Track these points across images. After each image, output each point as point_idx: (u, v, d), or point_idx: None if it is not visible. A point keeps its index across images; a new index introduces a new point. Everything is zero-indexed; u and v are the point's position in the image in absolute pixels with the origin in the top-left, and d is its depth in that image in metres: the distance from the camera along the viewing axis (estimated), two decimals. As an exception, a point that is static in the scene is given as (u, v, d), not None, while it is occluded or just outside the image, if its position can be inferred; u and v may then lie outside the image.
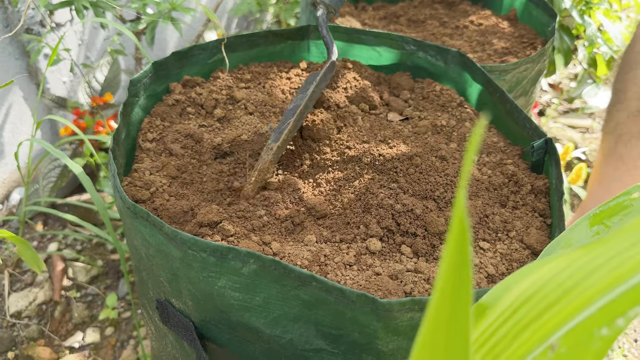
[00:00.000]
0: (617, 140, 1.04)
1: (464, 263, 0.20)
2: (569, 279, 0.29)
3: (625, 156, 1.05)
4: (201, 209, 0.55)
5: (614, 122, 1.04)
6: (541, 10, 1.01)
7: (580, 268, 0.29)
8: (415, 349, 0.21)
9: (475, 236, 0.54)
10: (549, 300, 0.29)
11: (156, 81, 0.71)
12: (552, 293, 0.30)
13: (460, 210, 0.19)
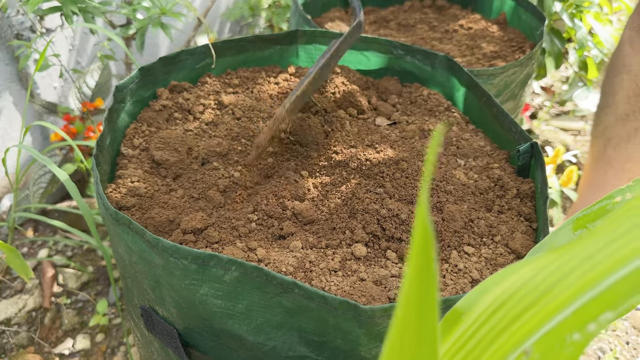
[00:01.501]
0: (606, 143, 1.05)
1: (429, 268, 0.20)
2: (542, 282, 0.29)
3: (614, 160, 1.05)
4: (186, 216, 0.55)
5: (603, 125, 1.05)
6: (530, 14, 1.01)
7: (553, 272, 0.29)
8: (383, 355, 0.21)
9: (460, 241, 0.54)
10: (523, 305, 0.29)
11: (143, 87, 0.71)
12: (526, 297, 0.29)
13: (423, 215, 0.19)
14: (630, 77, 0.97)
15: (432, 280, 0.20)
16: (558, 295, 0.27)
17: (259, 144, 0.61)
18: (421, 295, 0.20)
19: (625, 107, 1.00)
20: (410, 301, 0.20)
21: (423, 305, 0.20)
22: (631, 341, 1.16)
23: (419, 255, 0.19)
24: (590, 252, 0.27)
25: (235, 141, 0.69)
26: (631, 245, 0.26)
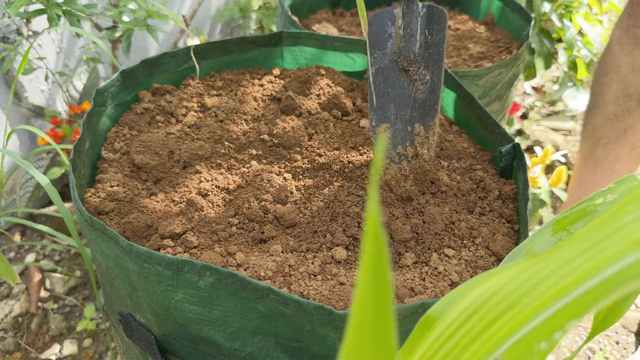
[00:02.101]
0: (595, 144, 1.05)
1: (382, 274, 0.19)
2: (515, 290, 0.29)
3: (604, 160, 1.05)
4: (164, 221, 0.54)
5: (592, 126, 1.05)
6: (517, 14, 1.01)
7: (526, 280, 0.28)
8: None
9: (441, 243, 0.53)
10: (496, 312, 0.29)
11: (124, 90, 0.70)
12: (499, 305, 0.29)
13: (374, 221, 0.18)
14: (619, 78, 0.97)
15: (385, 288, 0.19)
16: (530, 304, 0.27)
17: None
18: (375, 304, 0.20)
19: (614, 108, 1.00)
20: (364, 310, 0.20)
21: (377, 314, 0.20)
22: (621, 341, 1.16)
23: (371, 263, 0.19)
24: (561, 262, 0.27)
25: (218, 144, 0.69)
26: (601, 256, 0.25)
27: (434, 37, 0.51)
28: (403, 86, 0.54)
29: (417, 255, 0.52)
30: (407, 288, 0.48)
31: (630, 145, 1.02)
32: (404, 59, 0.53)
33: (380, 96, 0.56)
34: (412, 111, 0.54)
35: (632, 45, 0.93)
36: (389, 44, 0.53)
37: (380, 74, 0.55)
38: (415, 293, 0.47)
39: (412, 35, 0.51)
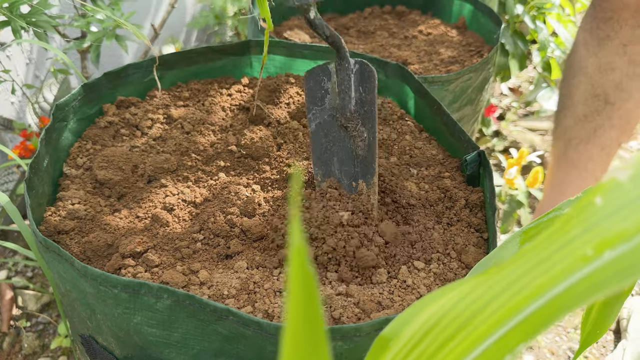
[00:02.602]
0: (567, 145, 1.05)
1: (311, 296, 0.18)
2: (467, 309, 0.28)
3: (576, 160, 1.06)
4: (125, 239, 0.53)
5: (563, 127, 1.05)
6: (488, 17, 1.02)
7: (478, 298, 0.28)
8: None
9: (410, 255, 0.53)
10: (449, 332, 0.28)
11: (87, 103, 0.69)
12: (452, 324, 0.28)
13: (299, 248, 0.18)
14: (586, 79, 0.98)
15: (314, 310, 0.18)
16: (480, 325, 0.26)
17: None
18: (306, 326, 0.19)
19: (583, 108, 1.01)
20: (295, 333, 0.19)
21: (309, 338, 0.19)
22: (600, 339, 1.17)
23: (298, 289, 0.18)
24: (512, 279, 0.26)
25: (185, 156, 0.67)
26: (549, 273, 0.25)
27: (367, 95, 0.51)
28: (344, 141, 0.54)
29: (388, 269, 0.51)
30: (374, 302, 0.47)
31: (600, 145, 1.03)
32: (341, 116, 0.53)
33: (323, 151, 0.56)
34: (355, 167, 0.55)
35: (596, 47, 0.94)
36: (326, 99, 0.53)
37: (320, 129, 0.55)
38: (382, 307, 0.46)
39: (346, 92, 0.51)
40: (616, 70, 0.96)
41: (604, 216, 0.25)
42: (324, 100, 0.55)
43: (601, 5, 0.94)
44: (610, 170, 0.24)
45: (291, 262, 0.18)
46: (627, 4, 0.89)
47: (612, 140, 1.02)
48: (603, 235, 0.24)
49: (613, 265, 0.24)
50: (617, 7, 0.91)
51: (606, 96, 0.98)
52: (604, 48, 0.95)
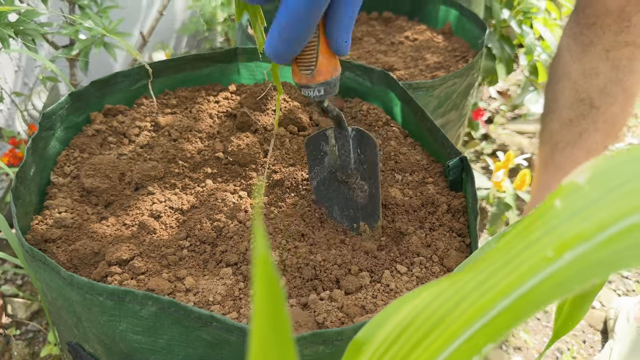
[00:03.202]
0: (553, 148, 1.07)
1: (277, 307, 0.19)
2: (438, 309, 0.29)
3: (563, 163, 1.08)
4: (111, 247, 0.53)
5: (549, 130, 1.07)
6: (473, 23, 1.03)
7: (448, 299, 0.28)
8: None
9: (394, 260, 0.54)
10: (421, 334, 0.29)
11: (74, 112, 0.69)
12: (423, 325, 0.29)
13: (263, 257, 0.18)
14: (571, 84, 1.00)
15: (281, 320, 0.19)
16: (450, 326, 0.27)
17: None
18: (272, 334, 0.19)
19: (569, 113, 1.02)
20: (261, 340, 0.20)
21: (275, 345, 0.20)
22: (588, 340, 1.18)
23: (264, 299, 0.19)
24: (482, 278, 0.27)
25: (172, 163, 0.68)
26: (513, 274, 0.26)
27: (367, 156, 0.56)
28: (344, 192, 0.59)
29: (371, 273, 0.52)
30: (358, 306, 0.48)
31: (586, 149, 1.04)
32: (342, 173, 0.58)
33: (324, 201, 0.61)
34: (356, 212, 0.59)
35: (580, 53, 0.95)
36: (325, 160, 0.59)
37: (321, 184, 0.61)
38: (366, 311, 0.47)
39: (347, 155, 0.57)
40: (600, 75, 0.98)
41: (563, 218, 0.26)
42: (324, 160, 0.60)
43: (584, 12, 0.95)
44: (570, 175, 0.25)
45: (256, 271, 0.18)
46: (610, 10, 0.91)
47: (597, 144, 1.04)
48: (563, 237, 0.25)
49: (573, 266, 0.25)
50: (600, 13, 0.93)
51: (591, 100, 0.99)
52: (587, 54, 0.97)
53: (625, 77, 0.97)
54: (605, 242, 0.24)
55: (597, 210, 0.25)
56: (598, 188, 0.25)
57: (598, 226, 0.25)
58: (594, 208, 0.25)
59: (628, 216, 0.24)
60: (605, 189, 0.25)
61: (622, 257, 0.24)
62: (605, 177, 0.25)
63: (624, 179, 0.25)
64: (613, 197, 0.25)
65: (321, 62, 0.46)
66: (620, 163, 0.26)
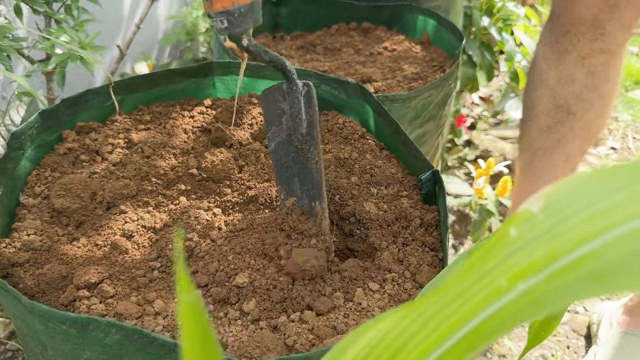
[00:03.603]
0: (532, 155, 1.08)
1: None
2: (396, 340, 0.28)
3: (542, 170, 1.09)
4: (80, 270, 0.52)
5: (528, 137, 1.08)
6: (451, 33, 1.04)
7: (405, 329, 0.28)
8: None
9: (366, 277, 0.53)
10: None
11: (45, 131, 0.68)
12: (384, 354, 0.29)
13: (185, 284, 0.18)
14: (548, 91, 1.01)
15: None
16: (408, 356, 0.27)
17: None
18: None
19: (547, 119, 1.03)
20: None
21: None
22: (571, 345, 1.18)
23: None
24: (437, 308, 0.27)
25: (145, 181, 0.67)
26: (468, 304, 0.25)
27: (313, 117, 0.51)
28: (302, 162, 0.54)
29: (344, 292, 0.52)
30: (329, 327, 0.47)
31: (565, 155, 1.05)
32: (295, 138, 0.53)
33: (284, 170, 0.55)
34: (313, 188, 0.54)
35: (556, 60, 0.96)
36: (283, 119, 0.53)
37: (280, 148, 0.55)
38: (337, 332, 0.47)
39: (297, 115, 0.51)
40: (576, 82, 0.99)
41: (517, 247, 0.25)
42: (282, 120, 0.55)
43: (559, 20, 0.96)
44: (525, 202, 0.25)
45: (181, 303, 0.18)
46: (584, 18, 0.92)
47: (575, 150, 1.05)
48: (516, 266, 0.25)
49: (526, 297, 0.24)
50: (574, 22, 0.94)
51: (568, 107, 1.00)
52: (563, 61, 0.98)
53: (601, 84, 0.99)
54: (558, 273, 0.24)
55: (549, 239, 0.25)
56: (551, 217, 0.25)
57: (550, 256, 0.24)
58: (547, 238, 0.25)
59: (580, 246, 0.24)
60: (558, 218, 0.25)
61: (574, 288, 0.23)
62: (558, 206, 0.25)
63: (577, 207, 0.25)
64: (566, 227, 0.25)
65: None
66: (573, 190, 0.25)
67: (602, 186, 0.25)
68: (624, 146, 1.89)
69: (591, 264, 0.23)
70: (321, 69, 0.99)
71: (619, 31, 0.92)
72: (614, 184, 0.25)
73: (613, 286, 0.23)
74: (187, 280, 0.17)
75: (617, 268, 0.23)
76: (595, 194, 0.25)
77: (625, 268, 0.22)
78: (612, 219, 0.24)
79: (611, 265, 0.23)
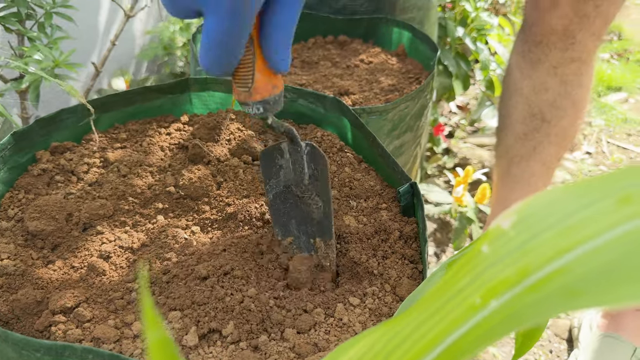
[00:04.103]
0: (509, 162, 1.09)
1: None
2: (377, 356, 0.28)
3: (519, 176, 1.10)
4: (55, 294, 0.51)
5: (504, 145, 1.10)
6: (425, 44, 1.05)
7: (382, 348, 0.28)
8: None
9: (347, 292, 0.53)
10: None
11: (18, 152, 0.67)
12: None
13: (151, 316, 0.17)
14: (523, 100, 1.03)
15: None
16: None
17: None
18: None
19: (522, 127, 1.05)
20: None
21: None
22: (554, 349, 1.20)
23: None
24: (413, 327, 0.27)
25: (122, 200, 0.66)
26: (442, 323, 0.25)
27: (319, 172, 0.56)
28: (300, 207, 0.60)
29: (325, 308, 0.52)
30: (310, 344, 0.47)
31: (541, 161, 1.07)
32: (296, 188, 0.59)
33: (281, 215, 0.61)
34: (311, 227, 0.59)
35: (530, 70, 0.98)
36: (281, 173, 0.59)
37: (277, 198, 0.60)
38: (318, 349, 0.47)
39: (300, 170, 0.57)
40: (549, 90, 1.01)
41: (490, 264, 0.25)
42: (279, 174, 0.60)
43: (531, 30, 0.99)
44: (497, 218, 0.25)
45: (149, 341, 0.17)
46: (555, 28, 0.94)
47: (552, 156, 1.07)
48: (489, 283, 0.25)
49: (499, 313, 0.24)
50: (545, 32, 0.96)
51: (542, 115, 1.02)
52: (536, 70, 1.00)
53: (573, 91, 1.01)
54: (530, 289, 0.24)
55: (521, 255, 0.25)
56: (523, 233, 0.25)
57: (522, 272, 0.25)
58: (519, 254, 0.25)
59: (552, 261, 0.24)
60: (529, 234, 0.25)
61: (547, 304, 0.24)
62: (530, 221, 0.26)
63: (548, 222, 0.25)
64: (537, 242, 0.25)
65: (258, 80, 0.46)
66: (544, 206, 0.26)
67: (572, 201, 0.25)
68: (598, 150, 1.93)
69: (562, 279, 0.24)
70: (299, 82, 1.00)
71: (589, 39, 0.94)
72: (584, 199, 0.25)
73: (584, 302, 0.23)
74: (154, 315, 0.17)
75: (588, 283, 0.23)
76: (566, 210, 0.25)
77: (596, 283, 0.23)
78: (583, 233, 0.24)
79: (582, 280, 0.23)
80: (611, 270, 0.23)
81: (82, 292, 0.53)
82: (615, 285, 0.22)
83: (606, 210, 0.24)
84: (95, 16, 1.59)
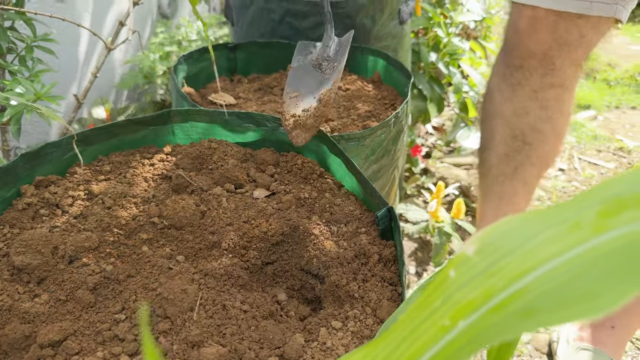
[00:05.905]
0: (492, 181, 1.12)
1: None
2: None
3: (503, 194, 1.13)
4: (43, 328, 0.52)
5: (487, 165, 1.12)
6: (399, 71, 1.09)
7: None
8: None
9: (329, 316, 0.55)
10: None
11: (3, 187, 0.68)
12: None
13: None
14: (504, 122, 1.05)
15: None
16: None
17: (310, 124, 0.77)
18: None
19: (504, 148, 1.08)
20: None
21: None
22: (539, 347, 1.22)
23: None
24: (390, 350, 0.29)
25: (107, 232, 0.67)
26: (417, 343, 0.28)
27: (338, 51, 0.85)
28: (314, 76, 0.82)
29: (308, 333, 0.54)
30: (296, 368, 0.48)
31: (523, 181, 1.10)
32: (322, 58, 0.84)
33: (296, 80, 0.83)
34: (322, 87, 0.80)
35: (510, 93, 1.00)
36: (309, 55, 0.86)
37: (299, 68, 0.84)
38: (304, 372, 0.48)
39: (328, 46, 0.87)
40: (530, 114, 1.02)
41: (456, 288, 0.28)
42: (307, 55, 0.86)
43: (511, 54, 1.00)
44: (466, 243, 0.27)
45: None
46: (534, 53, 0.95)
47: (533, 177, 1.09)
48: (457, 305, 0.28)
49: (466, 334, 0.27)
50: (525, 56, 0.97)
51: (524, 137, 1.04)
52: (517, 94, 1.01)
53: (554, 116, 1.02)
54: (493, 310, 0.27)
55: (485, 279, 0.28)
56: (486, 258, 0.28)
57: (486, 295, 0.27)
58: (483, 277, 0.28)
59: (512, 284, 0.27)
60: (492, 259, 0.28)
61: (508, 323, 0.26)
62: (491, 248, 0.28)
63: (507, 249, 0.28)
64: (499, 267, 0.28)
65: None
66: (504, 233, 0.28)
67: (529, 229, 0.28)
68: (570, 167, 1.99)
69: (522, 300, 0.26)
70: (279, 110, 1.02)
71: (568, 67, 0.95)
72: (540, 226, 0.28)
73: (541, 321, 0.25)
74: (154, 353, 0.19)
75: (544, 303, 0.26)
76: (524, 236, 0.28)
77: (551, 303, 0.25)
78: (539, 258, 0.27)
79: (539, 300, 0.26)
80: (564, 290, 0.25)
81: (70, 325, 0.54)
82: (568, 304, 0.25)
83: (559, 236, 0.27)
84: (75, 47, 1.61)
